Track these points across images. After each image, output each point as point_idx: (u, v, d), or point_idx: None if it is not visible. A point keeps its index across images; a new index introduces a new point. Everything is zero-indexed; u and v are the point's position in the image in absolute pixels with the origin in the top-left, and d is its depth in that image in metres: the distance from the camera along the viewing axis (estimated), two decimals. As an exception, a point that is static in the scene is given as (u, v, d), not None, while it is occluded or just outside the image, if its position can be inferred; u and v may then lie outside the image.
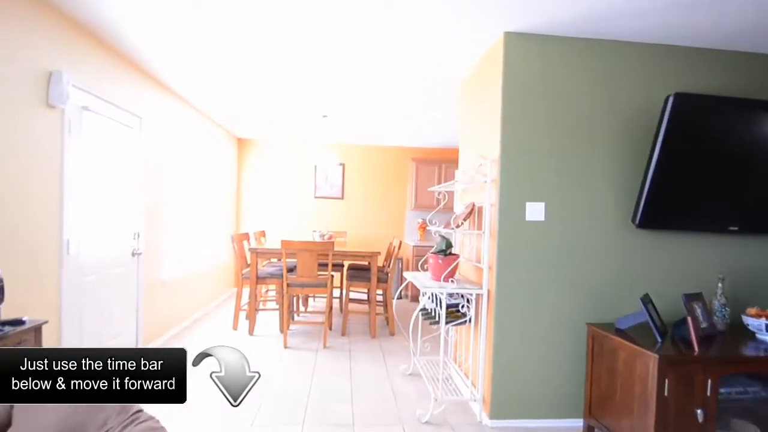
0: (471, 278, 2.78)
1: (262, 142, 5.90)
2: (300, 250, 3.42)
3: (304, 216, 5.98)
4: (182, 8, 2.12)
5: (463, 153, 3.23)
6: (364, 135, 5.47)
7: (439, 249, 2.59)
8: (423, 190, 5.84)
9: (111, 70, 2.65)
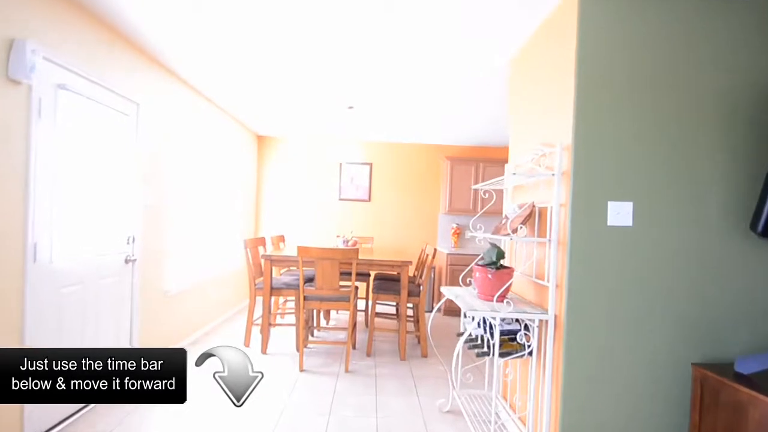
0: (528, 298, 2.21)
1: (284, 139, 5.54)
2: (319, 259, 2.96)
3: (328, 220, 5.55)
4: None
5: (515, 143, 2.67)
6: (393, 131, 4.98)
7: (489, 261, 2.05)
8: (458, 192, 5.28)
9: (99, 46, 2.29)
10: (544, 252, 1.97)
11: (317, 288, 3.03)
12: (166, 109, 3.13)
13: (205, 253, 3.96)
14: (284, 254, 3.37)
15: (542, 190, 2.08)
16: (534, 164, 2.17)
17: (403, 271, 3.32)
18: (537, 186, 2.16)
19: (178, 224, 3.39)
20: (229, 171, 4.58)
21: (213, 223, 4.15)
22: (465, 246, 5.63)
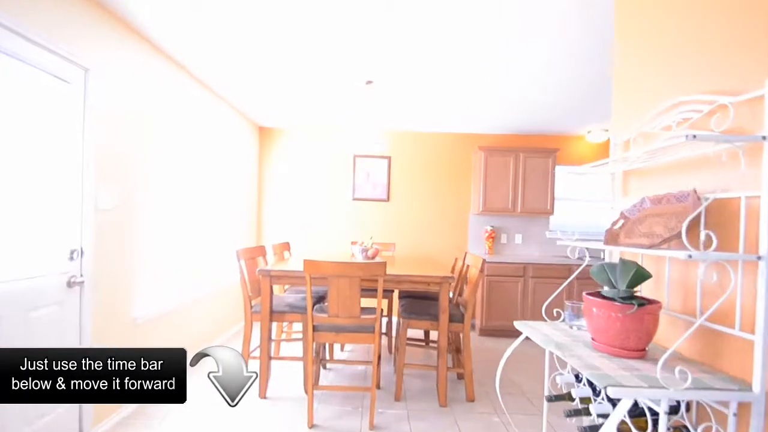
0: (687, 353, 1.37)
1: (289, 131, 4.78)
2: (333, 276, 2.18)
3: (340, 223, 4.77)
4: None
5: (625, 100, 1.80)
6: (416, 116, 4.19)
7: (625, 294, 1.24)
8: (494, 188, 4.47)
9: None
10: (724, 276, 1.15)
11: (331, 315, 2.25)
12: (137, 83, 2.39)
13: (193, 267, 3.22)
14: (287, 269, 2.59)
15: (711, 170, 1.26)
16: (678, 128, 1.35)
17: (444, 289, 2.52)
18: (693, 165, 1.34)
19: (153, 232, 2.65)
20: (225, 168, 3.84)
21: (203, 230, 3.40)
22: (502, 252, 4.81)
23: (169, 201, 2.86)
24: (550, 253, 4.82)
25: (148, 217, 2.59)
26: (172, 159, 2.90)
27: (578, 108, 3.70)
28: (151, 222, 2.63)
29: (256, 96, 3.60)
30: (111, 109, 2.18)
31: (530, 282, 4.23)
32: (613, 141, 1.76)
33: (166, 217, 2.83)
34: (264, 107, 3.97)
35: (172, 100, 2.84)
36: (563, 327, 1.63)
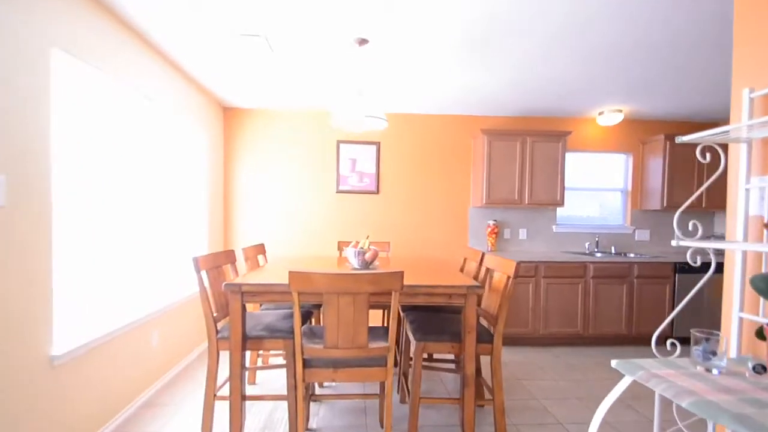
0: None
1: (261, 113, 4.07)
2: (331, 293, 1.56)
3: (323, 220, 4.12)
4: None
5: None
6: (410, 93, 3.59)
7: None
8: (499, 177, 3.95)
9: None
10: None
11: (328, 345, 1.63)
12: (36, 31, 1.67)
13: (136, 282, 2.50)
14: (264, 282, 1.94)
15: None
16: None
17: (470, 301, 1.95)
18: None
19: (77, 239, 1.93)
20: (178, 156, 3.11)
21: (149, 233, 2.68)
22: (505, 249, 4.31)
23: (99, 198, 2.14)
24: (557, 249, 4.37)
25: (68, 219, 1.88)
26: (100, 145, 2.17)
27: (593, 83, 3.21)
28: (73, 226, 1.92)
29: (220, 64, 2.90)
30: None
31: (542, 283, 3.75)
32: (747, 96, 1.22)
33: (95, 218, 2.11)
34: (230, 80, 3.26)
35: (97, 65, 2.11)
36: (691, 367, 1.09)
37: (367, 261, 2.45)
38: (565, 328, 3.73)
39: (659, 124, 4.46)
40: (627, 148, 4.42)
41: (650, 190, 4.30)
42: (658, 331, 1.28)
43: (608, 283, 3.77)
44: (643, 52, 2.59)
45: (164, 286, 2.84)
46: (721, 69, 2.86)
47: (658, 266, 3.82)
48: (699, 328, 3.89)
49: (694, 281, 3.85)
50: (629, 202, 4.48)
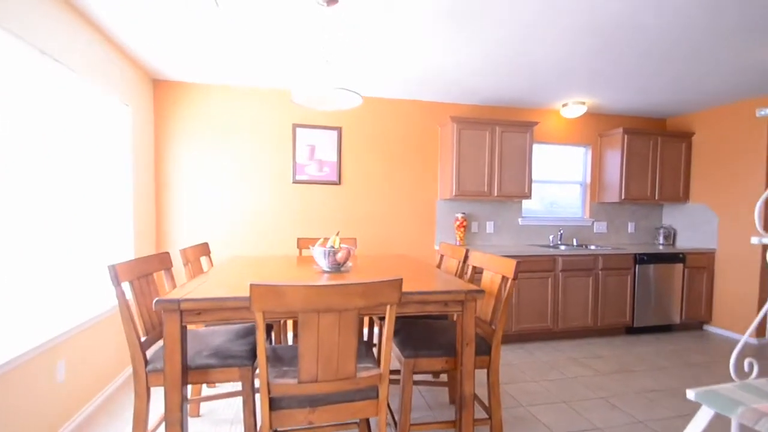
0: None
1: (201, 88, 3.47)
2: (311, 312, 1.17)
3: (278, 214, 3.64)
4: None
5: None
6: (375, 75, 3.23)
7: None
8: (469, 168, 3.73)
9: None
10: None
11: (303, 380, 1.23)
12: None
13: (36, 295, 1.90)
14: (211, 296, 1.48)
15: None
16: None
17: (468, 309, 1.66)
18: None
19: None
20: (91, 136, 2.48)
21: (55, 233, 2.07)
22: (473, 243, 4.13)
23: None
24: (524, 242, 4.28)
25: None
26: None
27: (568, 64, 3.08)
28: None
29: (148, 21, 2.31)
30: None
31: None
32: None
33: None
34: (162, 44, 2.66)
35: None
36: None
37: (339, 262, 2.08)
38: (536, 323, 3.63)
39: (617, 119, 4.52)
40: (586, 141, 4.43)
41: (608, 182, 4.34)
42: (734, 358, 1.05)
43: (576, 276, 3.72)
44: (622, 36, 2.45)
45: (74, 302, 2.24)
46: (682, 67, 2.83)
47: (621, 258, 3.84)
48: (656, 317, 3.99)
49: (654, 272, 3.93)
50: (588, 195, 4.51)
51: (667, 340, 3.77)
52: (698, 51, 2.66)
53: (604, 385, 2.72)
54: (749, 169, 3.76)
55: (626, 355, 3.33)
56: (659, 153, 4.27)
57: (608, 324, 3.81)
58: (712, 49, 2.63)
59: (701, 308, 4.07)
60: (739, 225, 3.85)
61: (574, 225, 4.43)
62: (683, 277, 4.02)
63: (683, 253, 4.01)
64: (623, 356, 3.31)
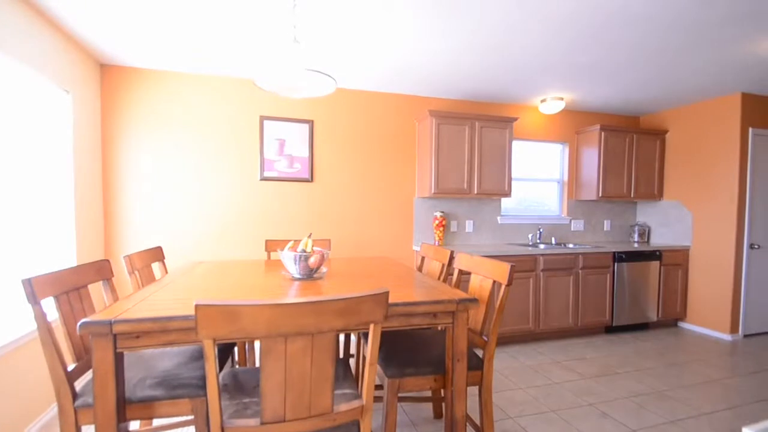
0: None
1: (158, 75, 3.12)
2: (276, 336, 0.93)
3: (244, 214, 3.35)
4: None
5: None
6: (350, 65, 3.00)
7: None
8: (449, 164, 3.57)
9: None
10: None
11: (268, 419, 1.00)
12: None
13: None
14: (153, 316, 1.22)
15: None
16: None
17: (460, 320, 1.47)
18: None
19: None
20: (20, 127, 2.12)
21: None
22: (452, 243, 3.98)
23: None
24: (503, 241, 4.17)
25: None
26: None
27: (548, 64, 2.97)
28: None
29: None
30: None
31: (495, 278, 3.47)
32: None
33: None
34: (110, 22, 2.32)
35: None
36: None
37: (312, 268, 1.84)
38: (517, 325, 3.51)
39: (593, 116, 4.50)
40: (564, 138, 4.38)
41: (586, 180, 4.30)
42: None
43: (557, 275, 3.64)
44: (605, 28, 2.35)
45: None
46: (664, 60, 2.78)
47: (600, 256, 3.80)
48: (634, 315, 3.97)
49: (631, 270, 3.91)
50: (565, 193, 4.46)
51: (645, 339, 3.76)
52: (683, 43, 2.60)
53: (591, 389, 2.62)
54: (722, 166, 3.80)
55: (609, 356, 3.26)
56: (634, 150, 4.27)
57: (588, 324, 3.76)
58: (696, 42, 2.57)
59: (677, 305, 4.10)
60: (712, 222, 3.89)
61: (552, 223, 4.37)
62: (659, 274, 4.03)
63: (659, 250, 4.01)
64: (606, 357, 3.24)
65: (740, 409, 2.36)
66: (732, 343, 3.60)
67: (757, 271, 3.80)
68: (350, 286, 1.69)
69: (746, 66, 2.99)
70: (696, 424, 2.18)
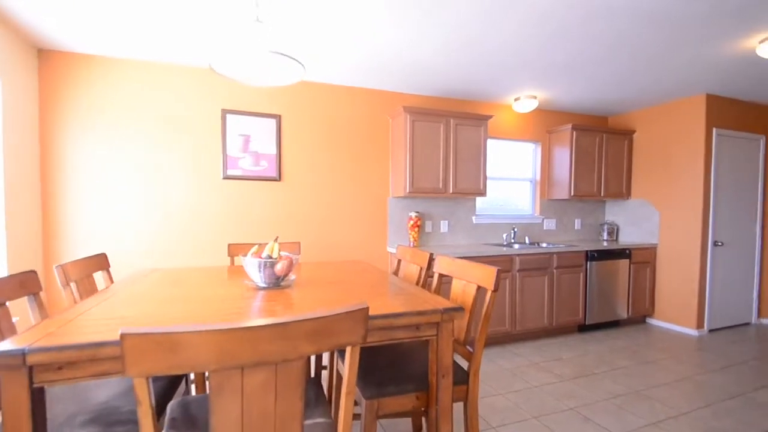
0: None
1: (105, 62, 2.81)
2: (231, 369, 0.75)
3: (205, 216, 3.09)
4: None
5: None
6: (320, 57, 2.82)
7: None
8: (424, 163, 3.45)
9: None
10: None
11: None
12: None
13: None
14: (75, 344, 1.00)
15: None
16: None
17: (445, 331, 1.33)
18: None
19: None
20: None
21: None
22: (427, 244, 3.87)
23: None
24: (478, 241, 4.11)
25: None
26: None
27: (523, 61, 2.91)
28: None
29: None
30: None
31: (472, 280, 3.39)
32: None
33: None
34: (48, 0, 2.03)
35: None
36: None
37: (279, 275, 1.65)
38: (494, 327, 3.44)
39: (565, 116, 4.52)
40: (536, 137, 4.37)
41: (558, 179, 4.31)
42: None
43: (532, 275, 3.60)
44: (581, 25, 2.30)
45: None
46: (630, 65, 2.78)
47: (574, 255, 3.80)
48: (606, 313, 4.00)
49: (603, 268, 3.94)
50: (538, 192, 4.46)
51: (617, 336, 3.79)
52: (661, 41, 2.59)
53: (570, 392, 2.56)
54: (688, 165, 3.90)
55: (584, 356, 3.25)
56: (604, 150, 4.32)
57: (562, 323, 3.75)
58: (675, 40, 2.58)
59: (645, 302, 4.18)
60: (678, 220, 3.99)
61: (526, 223, 4.36)
62: (629, 272, 4.09)
63: (629, 248, 4.07)
64: (581, 357, 3.22)
65: (716, 406, 2.37)
66: (699, 339, 3.70)
67: (720, 268, 3.93)
68: (322, 296, 1.52)
69: (712, 67, 3.04)
70: (676, 424, 2.16)
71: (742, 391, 2.57)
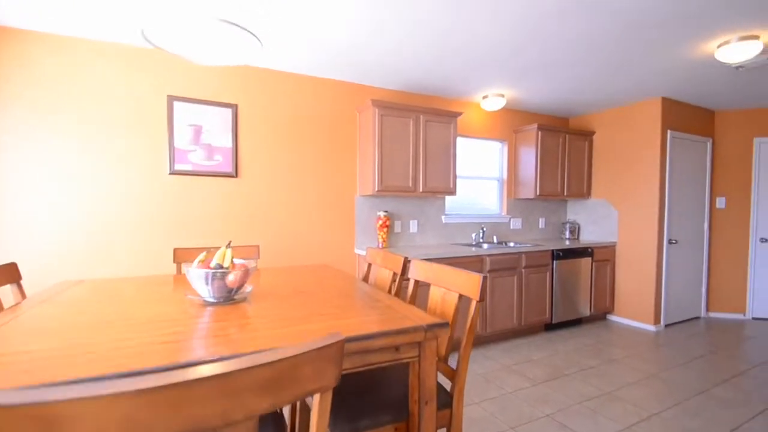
0: None
1: (19, 35, 2.38)
2: None
3: (149, 216, 2.72)
4: None
5: None
6: (281, 40, 2.56)
7: None
8: (393, 160, 3.28)
9: None
10: None
11: None
12: None
13: None
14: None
15: None
16: None
17: (428, 351, 1.16)
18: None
19: None
20: None
21: None
22: (396, 245, 3.71)
23: None
24: (447, 241, 4.00)
25: None
26: None
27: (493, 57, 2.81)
28: None
29: None
30: None
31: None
32: None
33: None
34: None
35: None
36: None
37: (231, 287, 1.41)
38: (464, 330, 3.34)
39: (530, 116, 4.52)
40: (503, 137, 4.34)
41: (524, 179, 4.31)
42: None
43: (502, 276, 3.54)
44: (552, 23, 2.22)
45: None
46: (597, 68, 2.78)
47: (541, 255, 3.79)
48: (570, 311, 4.04)
49: (567, 267, 3.97)
50: (505, 191, 4.44)
51: (581, 334, 3.83)
52: (626, 43, 2.58)
53: (544, 397, 2.50)
54: (644, 166, 4.01)
55: (553, 356, 3.22)
56: (567, 150, 4.36)
57: (531, 323, 3.73)
58: (642, 42, 2.57)
59: (606, 299, 4.27)
60: (636, 219, 4.10)
61: (493, 222, 4.31)
62: (591, 270, 4.15)
63: (591, 247, 4.14)
64: (551, 357, 3.19)
65: (686, 404, 2.38)
66: (656, 334, 3.81)
67: (674, 265, 4.08)
68: (283, 312, 1.29)
69: (670, 71, 3.10)
70: (648, 426, 2.14)
71: (704, 388, 2.62)
